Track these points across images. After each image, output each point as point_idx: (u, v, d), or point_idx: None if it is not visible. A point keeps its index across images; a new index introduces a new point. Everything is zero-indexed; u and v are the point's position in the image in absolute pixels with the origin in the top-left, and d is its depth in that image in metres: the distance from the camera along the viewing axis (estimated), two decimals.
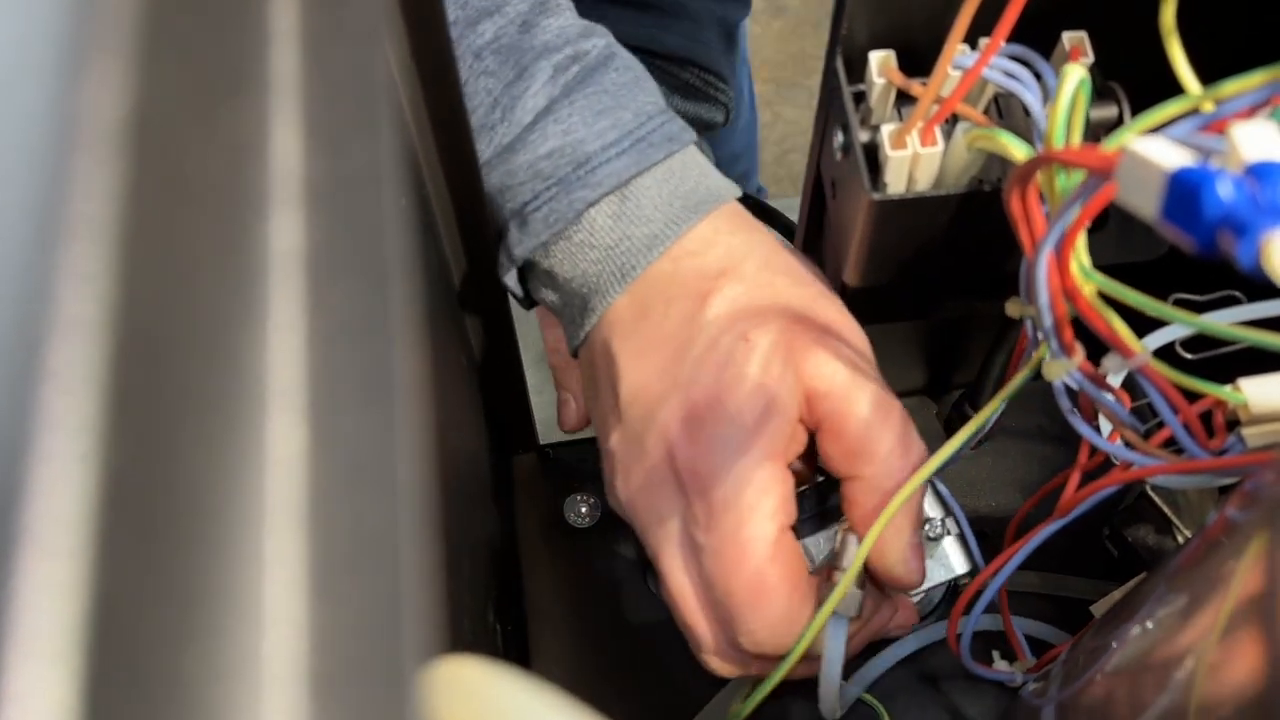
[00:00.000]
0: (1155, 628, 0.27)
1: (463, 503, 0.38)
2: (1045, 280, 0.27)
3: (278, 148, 0.14)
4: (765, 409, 0.34)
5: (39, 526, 0.11)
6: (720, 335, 0.35)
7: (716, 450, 0.34)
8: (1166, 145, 0.21)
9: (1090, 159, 0.24)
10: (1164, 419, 0.29)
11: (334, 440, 0.13)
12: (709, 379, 0.35)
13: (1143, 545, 0.44)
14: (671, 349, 0.36)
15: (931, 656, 0.45)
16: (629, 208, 0.37)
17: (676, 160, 0.38)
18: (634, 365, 0.37)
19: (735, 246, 0.37)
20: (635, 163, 0.37)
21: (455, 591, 0.33)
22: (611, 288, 0.37)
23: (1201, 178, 0.20)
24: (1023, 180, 0.27)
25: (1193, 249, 0.20)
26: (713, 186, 0.38)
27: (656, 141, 0.37)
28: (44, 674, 0.10)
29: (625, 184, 0.37)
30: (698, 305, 0.36)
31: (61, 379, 0.12)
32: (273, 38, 0.15)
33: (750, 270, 0.36)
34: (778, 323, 0.35)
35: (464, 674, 0.20)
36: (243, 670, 0.11)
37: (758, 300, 0.36)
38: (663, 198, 0.37)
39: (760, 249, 0.37)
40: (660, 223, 0.37)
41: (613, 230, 0.37)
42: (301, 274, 0.14)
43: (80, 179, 0.13)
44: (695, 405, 0.35)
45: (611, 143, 0.37)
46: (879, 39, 0.32)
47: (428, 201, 0.37)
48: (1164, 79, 0.27)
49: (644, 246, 0.37)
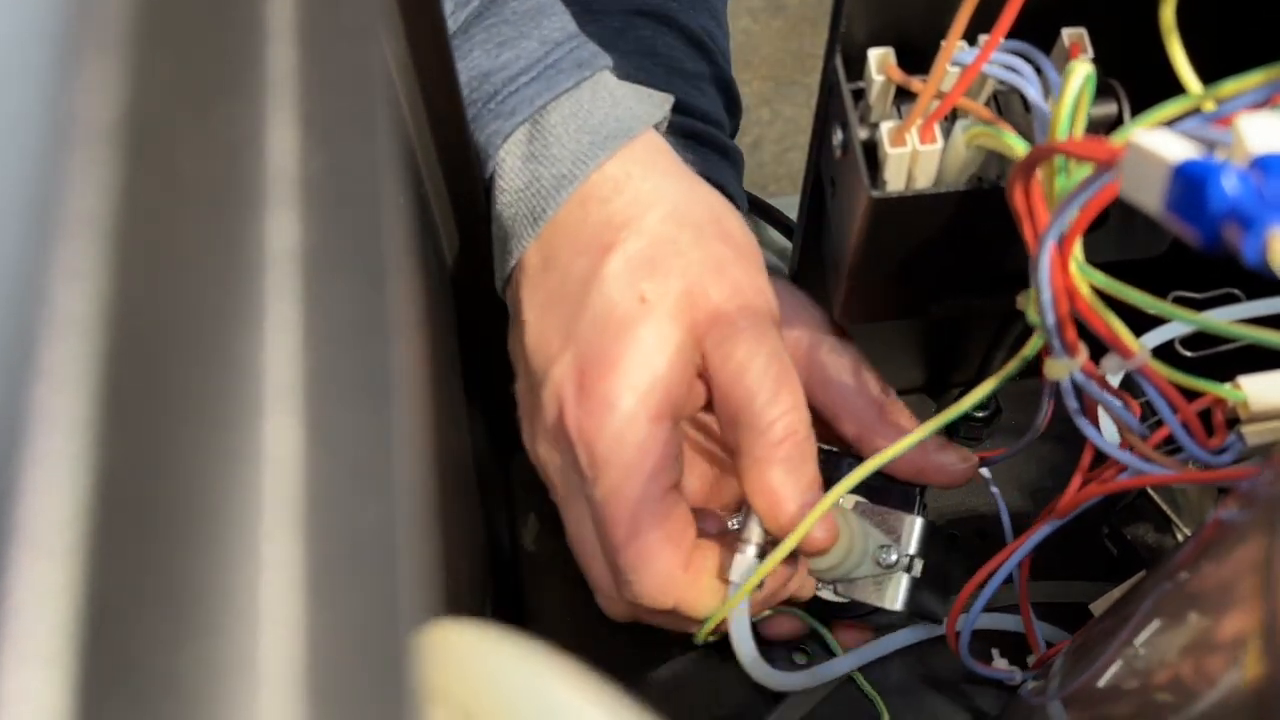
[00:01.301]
0: (1155, 627, 0.27)
1: (460, 502, 0.38)
2: (1048, 276, 0.27)
3: (274, 145, 0.14)
4: (655, 370, 0.34)
5: (33, 526, 0.11)
6: (617, 293, 0.35)
7: (604, 411, 0.34)
8: (1171, 138, 0.21)
9: (1095, 151, 0.24)
10: (1163, 418, 0.29)
11: (331, 439, 0.13)
12: (603, 339, 0.35)
13: (1142, 543, 0.44)
14: (570, 305, 0.36)
15: (931, 655, 0.45)
16: (537, 147, 0.37)
17: (587, 89, 0.37)
18: (536, 318, 0.37)
19: (642, 194, 0.37)
20: (547, 88, 0.36)
21: (453, 591, 0.33)
22: (525, 233, 0.37)
23: (1206, 171, 0.19)
24: (1026, 173, 0.27)
25: (1197, 243, 0.20)
26: (624, 117, 0.37)
27: (565, 68, 0.37)
28: (37, 675, 0.10)
29: (537, 113, 0.37)
30: (598, 260, 0.36)
31: (55, 377, 0.11)
32: (269, 35, 0.15)
33: (653, 223, 0.36)
34: (676, 281, 0.35)
35: (454, 637, 0.20)
36: (238, 671, 0.11)
37: (658, 256, 0.35)
38: (570, 133, 0.37)
39: (670, 197, 0.37)
40: (569, 161, 0.37)
41: (523, 172, 0.37)
42: (298, 272, 0.14)
43: (75, 176, 0.13)
44: (587, 365, 0.35)
45: (518, 73, 0.37)
46: (878, 37, 0.32)
47: (425, 200, 0.37)
48: (1164, 77, 0.27)
49: (552, 188, 0.37)
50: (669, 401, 0.35)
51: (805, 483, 0.36)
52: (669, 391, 0.35)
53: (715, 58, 0.54)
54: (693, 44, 0.47)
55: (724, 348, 0.35)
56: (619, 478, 0.34)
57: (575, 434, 0.35)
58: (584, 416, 0.35)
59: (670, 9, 0.53)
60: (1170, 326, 0.36)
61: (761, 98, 1.60)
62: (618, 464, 0.34)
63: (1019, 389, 0.40)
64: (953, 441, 0.41)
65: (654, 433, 0.34)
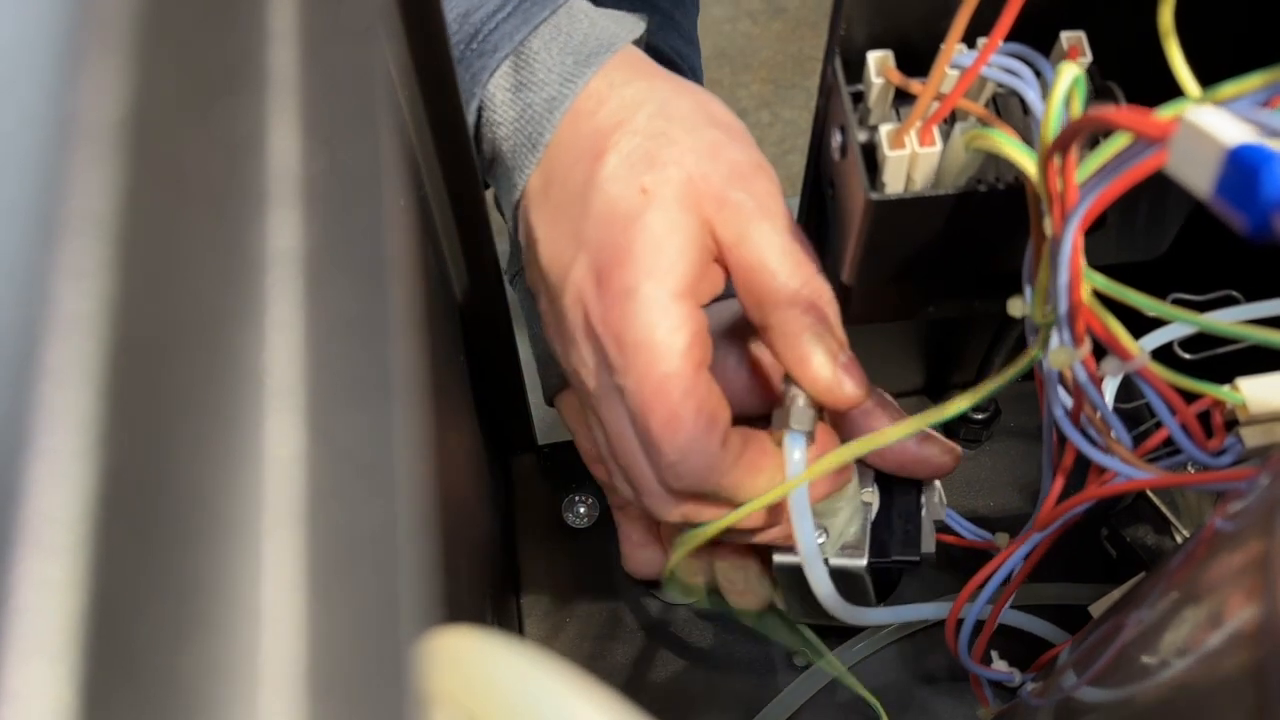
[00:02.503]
0: (1153, 628, 0.27)
1: (460, 503, 0.38)
2: (1069, 257, 0.26)
3: (275, 146, 0.14)
4: (668, 253, 0.35)
5: (37, 524, 0.11)
6: (618, 190, 0.36)
7: (624, 299, 0.35)
8: (1226, 119, 0.21)
9: (1145, 125, 0.23)
10: (1162, 420, 0.29)
11: (332, 440, 0.13)
12: (611, 235, 0.35)
13: (1141, 545, 0.44)
14: (575, 212, 0.37)
15: (930, 656, 0.45)
16: (524, 75, 0.38)
17: (563, 13, 0.38)
18: (547, 234, 0.38)
19: (628, 98, 0.37)
20: (524, 22, 0.37)
21: (453, 592, 0.33)
22: (526, 161, 0.38)
23: (1263, 157, 0.19)
24: (1063, 145, 0.26)
25: (1244, 229, 0.19)
26: (603, 35, 0.39)
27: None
28: (42, 672, 0.10)
29: (519, 47, 0.38)
30: (595, 164, 0.36)
31: (59, 376, 0.12)
32: (271, 36, 0.15)
33: (643, 121, 0.37)
34: (675, 170, 0.36)
35: (458, 643, 0.20)
36: (240, 669, 0.11)
37: (653, 150, 0.36)
38: (553, 56, 0.38)
39: (655, 96, 0.38)
40: (555, 84, 0.37)
41: (514, 103, 0.38)
42: (299, 273, 0.14)
43: (78, 177, 0.13)
44: (602, 262, 0.36)
45: (496, 9, 0.38)
46: (877, 39, 0.32)
47: (426, 202, 0.37)
48: (1162, 80, 0.27)
49: (544, 112, 0.37)
50: (686, 282, 0.35)
51: (837, 343, 0.36)
52: (685, 272, 0.35)
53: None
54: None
55: (734, 228, 0.36)
56: (647, 360, 0.35)
57: (601, 329, 0.36)
58: (607, 310, 0.35)
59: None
60: (1169, 329, 0.36)
61: (761, 100, 1.60)
62: (645, 347, 0.35)
63: (1018, 391, 0.40)
64: (947, 439, 0.41)
65: (677, 310, 0.35)
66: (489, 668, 0.20)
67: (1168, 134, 0.22)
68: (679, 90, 0.38)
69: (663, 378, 0.35)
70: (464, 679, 0.20)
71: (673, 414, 0.35)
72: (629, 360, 0.35)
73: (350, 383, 0.13)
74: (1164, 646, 0.27)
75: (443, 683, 0.20)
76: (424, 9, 0.31)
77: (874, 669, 0.45)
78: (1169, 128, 0.22)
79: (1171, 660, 0.26)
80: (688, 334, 0.35)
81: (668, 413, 0.35)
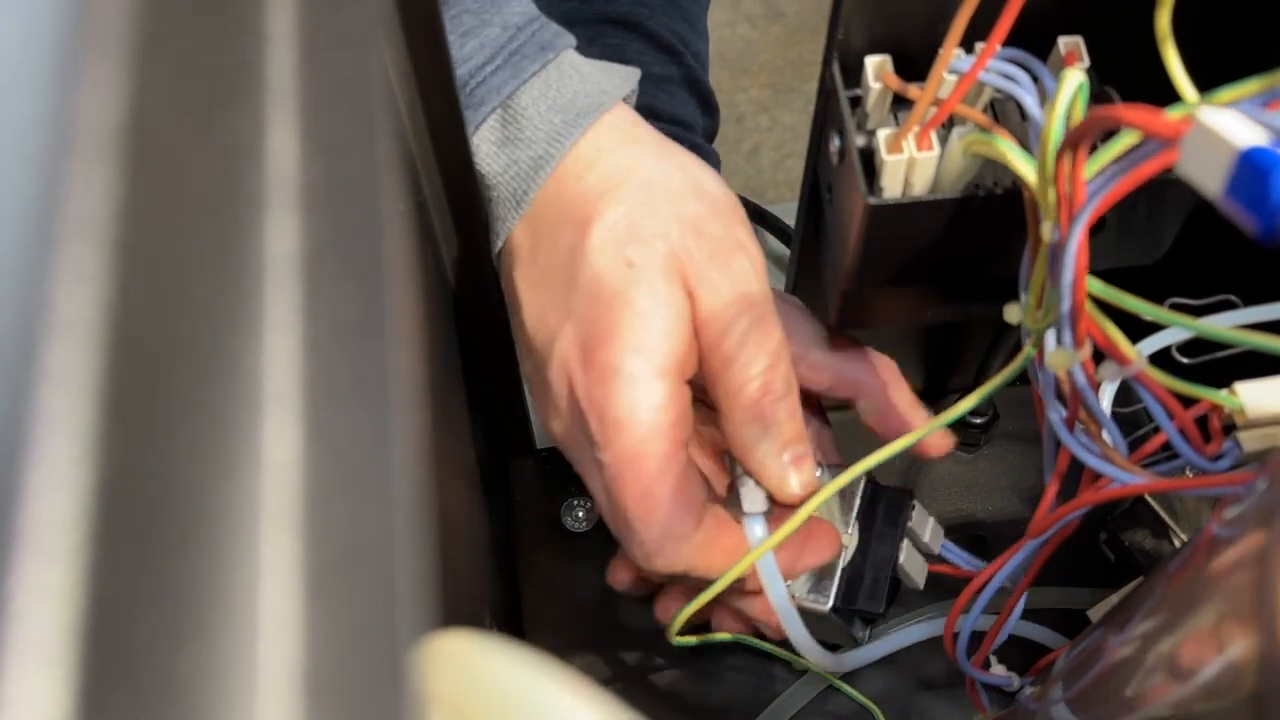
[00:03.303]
0: (1152, 632, 0.27)
1: (459, 507, 0.38)
2: (1075, 255, 0.26)
3: (274, 151, 0.14)
4: (653, 330, 0.35)
5: (35, 529, 0.11)
6: (603, 264, 0.36)
7: (609, 376, 0.35)
8: (1238, 120, 0.20)
9: (1156, 124, 0.23)
10: (1159, 424, 0.29)
11: (330, 444, 0.13)
12: (597, 309, 0.36)
13: (1139, 549, 0.44)
14: (561, 280, 0.37)
15: (928, 661, 0.45)
16: (511, 131, 0.38)
17: (553, 68, 0.38)
18: (531, 298, 0.38)
19: (614, 166, 0.37)
20: (513, 75, 0.37)
21: (451, 596, 0.33)
22: (509, 216, 0.38)
23: (1274, 160, 0.19)
24: (1076, 142, 0.26)
25: (1254, 231, 0.19)
26: (592, 93, 0.38)
27: (530, 53, 0.37)
28: (39, 677, 0.10)
29: (507, 100, 0.37)
30: (581, 233, 0.36)
31: (58, 381, 0.12)
32: (269, 41, 0.15)
33: (630, 191, 0.37)
34: (660, 244, 0.36)
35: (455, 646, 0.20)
36: (238, 674, 0.11)
37: (637, 222, 0.36)
38: (541, 113, 0.37)
39: (641, 165, 0.38)
40: (543, 142, 0.37)
41: (499, 157, 0.38)
42: (298, 277, 0.14)
43: (77, 181, 0.13)
44: (588, 336, 0.36)
45: (484, 62, 0.37)
46: (875, 44, 0.32)
47: (425, 206, 0.37)
48: (1160, 84, 0.27)
49: (530, 170, 0.37)
50: (671, 358, 0.35)
51: (784, 440, 0.36)
52: (671, 350, 0.35)
53: (686, 60, 0.54)
54: (662, 49, 0.48)
55: (706, 309, 0.36)
56: (628, 440, 0.35)
57: (586, 404, 0.36)
58: (591, 385, 0.35)
59: (640, 15, 0.54)
60: (1167, 333, 0.36)
61: (760, 105, 1.60)
62: (627, 425, 0.35)
63: (1016, 394, 0.41)
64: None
65: (660, 389, 0.35)
66: (486, 671, 0.20)
67: (1179, 134, 0.22)
68: (667, 159, 0.38)
69: (641, 456, 0.35)
70: (461, 682, 0.20)
71: (646, 495, 0.35)
72: (609, 436, 0.35)
73: (348, 387, 0.13)
74: (1163, 650, 0.27)
75: (440, 686, 0.20)
76: (423, 13, 0.31)
77: (872, 674, 0.45)
78: (1181, 127, 0.22)
79: (1170, 664, 0.26)
80: (671, 414, 0.35)
81: (643, 491, 0.35)
